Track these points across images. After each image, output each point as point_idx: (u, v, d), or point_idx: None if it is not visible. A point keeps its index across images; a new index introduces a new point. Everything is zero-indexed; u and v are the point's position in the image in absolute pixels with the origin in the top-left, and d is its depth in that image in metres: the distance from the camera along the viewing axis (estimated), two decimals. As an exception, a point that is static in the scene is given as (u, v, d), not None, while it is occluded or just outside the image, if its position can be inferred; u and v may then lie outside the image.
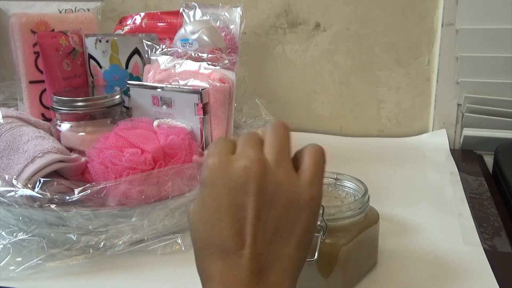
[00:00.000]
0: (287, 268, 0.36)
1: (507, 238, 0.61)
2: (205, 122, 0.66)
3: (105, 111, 0.69)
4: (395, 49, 0.93)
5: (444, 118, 0.93)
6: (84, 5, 0.84)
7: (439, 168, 0.83)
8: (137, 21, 0.86)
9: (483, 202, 0.70)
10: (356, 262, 0.51)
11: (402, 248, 0.59)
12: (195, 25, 0.75)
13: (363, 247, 0.52)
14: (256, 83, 1.01)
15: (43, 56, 0.73)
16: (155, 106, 0.68)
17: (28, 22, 0.76)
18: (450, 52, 0.88)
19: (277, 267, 0.35)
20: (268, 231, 0.35)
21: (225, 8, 0.80)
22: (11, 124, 0.66)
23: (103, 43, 0.73)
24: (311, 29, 0.96)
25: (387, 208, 0.56)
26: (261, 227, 0.35)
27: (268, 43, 0.98)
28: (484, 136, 0.89)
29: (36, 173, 0.58)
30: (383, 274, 0.54)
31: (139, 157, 0.59)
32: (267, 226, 0.35)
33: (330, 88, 0.98)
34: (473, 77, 0.88)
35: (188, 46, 0.73)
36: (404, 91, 0.95)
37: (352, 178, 0.55)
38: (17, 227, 0.58)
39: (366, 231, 0.52)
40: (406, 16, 0.91)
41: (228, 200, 0.35)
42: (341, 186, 0.55)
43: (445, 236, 0.62)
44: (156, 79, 0.70)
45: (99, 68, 0.75)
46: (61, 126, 0.68)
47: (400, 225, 0.64)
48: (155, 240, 0.59)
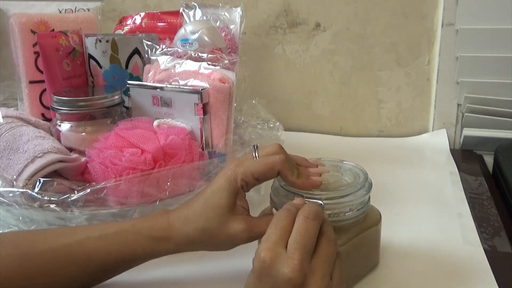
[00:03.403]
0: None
1: (507, 238, 0.61)
2: (205, 122, 0.66)
3: (105, 111, 0.69)
4: (395, 49, 0.93)
5: (444, 118, 0.93)
6: (84, 5, 0.84)
7: (439, 168, 0.83)
8: (137, 21, 0.86)
9: (483, 202, 0.70)
10: (355, 263, 0.51)
11: (402, 248, 0.59)
12: (195, 25, 0.75)
13: (362, 248, 0.52)
14: (256, 83, 1.01)
15: (43, 56, 0.72)
16: (155, 106, 0.68)
17: (28, 22, 0.76)
18: (450, 52, 0.88)
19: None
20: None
21: (225, 8, 0.80)
22: (11, 124, 0.66)
23: (103, 43, 0.73)
24: (311, 29, 0.96)
25: (387, 208, 0.56)
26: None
27: (268, 43, 0.98)
28: (484, 136, 0.89)
29: (36, 173, 0.58)
30: (384, 274, 0.54)
31: (139, 157, 0.59)
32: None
33: (330, 88, 0.99)
34: (473, 77, 0.88)
35: (188, 46, 0.73)
36: (404, 91, 0.95)
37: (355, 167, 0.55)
38: (17, 227, 0.58)
39: (366, 232, 0.52)
40: (406, 16, 0.91)
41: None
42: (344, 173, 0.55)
43: (445, 236, 0.62)
44: (156, 79, 0.70)
45: (99, 68, 0.75)
46: (61, 126, 0.68)
47: (400, 225, 0.64)
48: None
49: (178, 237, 0.48)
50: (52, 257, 0.47)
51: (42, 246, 0.47)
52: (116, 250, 0.48)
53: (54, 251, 0.47)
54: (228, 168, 0.48)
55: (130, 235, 0.48)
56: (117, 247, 0.48)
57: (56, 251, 0.47)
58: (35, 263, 0.46)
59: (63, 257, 0.47)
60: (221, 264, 0.57)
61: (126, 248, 0.48)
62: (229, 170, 0.48)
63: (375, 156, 0.90)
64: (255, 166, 0.47)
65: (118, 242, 0.48)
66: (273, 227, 0.42)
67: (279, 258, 0.40)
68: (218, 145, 0.66)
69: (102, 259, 0.48)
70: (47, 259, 0.47)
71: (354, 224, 0.51)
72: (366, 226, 0.52)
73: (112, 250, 0.48)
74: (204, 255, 0.59)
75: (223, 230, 0.47)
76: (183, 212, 0.49)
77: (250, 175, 0.47)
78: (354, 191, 0.50)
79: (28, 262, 0.46)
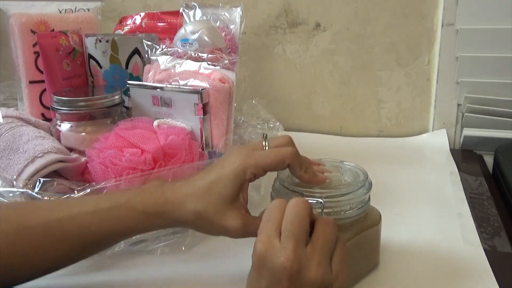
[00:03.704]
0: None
1: (507, 238, 0.61)
2: (205, 122, 0.66)
3: (105, 111, 0.69)
4: (395, 49, 0.93)
5: (444, 118, 0.93)
6: (84, 5, 0.84)
7: (439, 168, 0.83)
8: (137, 21, 0.86)
9: (483, 202, 0.70)
10: (355, 263, 0.51)
11: (402, 248, 0.59)
12: (195, 25, 0.75)
13: (362, 248, 0.52)
14: (256, 83, 1.01)
15: (43, 56, 0.73)
16: (155, 106, 0.68)
17: (28, 22, 0.76)
18: (450, 52, 0.88)
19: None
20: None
21: (225, 8, 0.80)
22: (11, 124, 0.66)
23: (103, 43, 0.73)
24: (311, 29, 0.96)
25: (387, 208, 0.56)
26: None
27: (268, 43, 0.98)
28: (484, 136, 0.89)
29: (36, 173, 0.58)
30: (384, 274, 0.54)
31: (139, 157, 0.59)
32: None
33: (330, 88, 0.99)
34: (473, 77, 0.88)
35: (188, 46, 0.73)
36: (404, 91, 0.95)
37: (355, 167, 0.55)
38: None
39: (366, 232, 0.52)
40: (406, 16, 0.91)
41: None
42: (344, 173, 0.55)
43: (445, 236, 0.62)
44: (156, 79, 0.70)
45: (99, 68, 0.75)
46: (61, 126, 0.68)
47: (400, 225, 0.64)
48: (155, 240, 0.59)
49: (173, 215, 0.48)
50: (44, 232, 0.46)
51: (35, 221, 0.47)
52: (109, 225, 0.48)
53: (46, 226, 0.47)
54: (237, 158, 0.48)
55: (124, 211, 0.48)
56: (111, 222, 0.48)
57: (49, 226, 0.47)
58: (27, 238, 0.46)
59: (56, 232, 0.47)
60: (221, 264, 0.57)
61: (120, 223, 0.48)
62: (238, 161, 0.47)
63: (375, 156, 0.90)
64: (266, 158, 0.47)
65: (112, 218, 0.48)
66: (266, 219, 0.42)
67: (273, 249, 0.40)
68: (218, 145, 0.66)
69: (95, 233, 0.48)
70: (39, 234, 0.46)
71: (354, 223, 0.51)
72: (366, 225, 0.52)
73: (105, 225, 0.48)
74: (204, 255, 0.59)
75: (220, 220, 0.47)
76: (182, 190, 0.48)
77: (260, 168, 0.47)
78: (354, 190, 0.50)
79: (21, 238, 0.46)
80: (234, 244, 0.53)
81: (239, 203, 0.48)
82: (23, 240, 0.46)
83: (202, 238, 0.61)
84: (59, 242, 0.47)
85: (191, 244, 0.60)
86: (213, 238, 0.61)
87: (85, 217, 0.47)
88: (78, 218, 0.47)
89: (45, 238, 0.46)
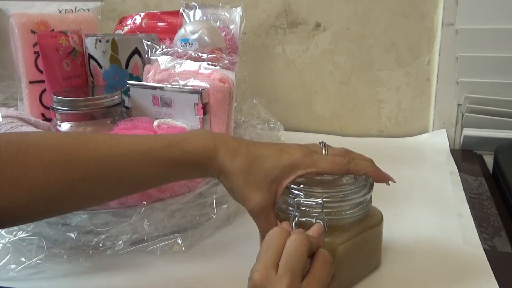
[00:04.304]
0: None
1: (507, 238, 0.61)
2: (205, 122, 0.66)
3: (105, 111, 0.69)
4: (395, 49, 0.93)
5: (444, 118, 0.93)
6: (84, 5, 0.84)
7: (439, 168, 0.83)
8: (137, 21, 0.86)
9: (483, 202, 0.70)
10: (354, 263, 0.51)
11: (402, 248, 0.59)
12: (195, 25, 0.75)
13: (363, 248, 0.52)
14: (256, 83, 1.01)
15: (43, 56, 0.73)
16: (155, 106, 0.68)
17: (28, 22, 0.76)
18: (450, 52, 0.88)
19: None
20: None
21: (225, 8, 0.80)
22: (11, 124, 0.66)
23: (103, 43, 0.73)
24: (311, 29, 0.96)
25: (387, 208, 0.56)
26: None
27: (268, 43, 0.98)
28: (484, 136, 0.89)
29: (36, 173, 0.58)
30: (384, 274, 0.54)
31: (139, 157, 0.59)
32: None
33: (330, 88, 0.99)
34: (473, 77, 0.88)
35: (188, 46, 0.73)
36: (404, 91, 0.95)
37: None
38: (16, 226, 0.58)
39: (367, 232, 0.52)
40: (406, 16, 0.91)
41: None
42: None
43: (445, 236, 0.62)
44: (156, 79, 0.70)
45: (99, 68, 0.75)
46: (61, 126, 0.68)
47: (400, 225, 0.64)
48: (155, 240, 0.59)
49: (219, 163, 0.49)
50: (95, 166, 0.47)
51: (85, 154, 0.47)
52: (158, 165, 0.48)
53: (97, 160, 0.47)
54: (297, 152, 0.50)
55: (175, 151, 0.49)
56: (160, 162, 0.48)
57: (99, 161, 0.47)
58: (77, 170, 0.46)
59: (106, 168, 0.47)
60: (221, 264, 0.57)
61: (167, 165, 0.49)
62: (298, 155, 0.49)
63: (375, 156, 0.88)
64: (324, 163, 0.50)
65: (161, 158, 0.48)
66: (265, 246, 0.43)
67: (269, 281, 0.40)
68: (218, 145, 0.66)
69: (142, 172, 0.48)
70: (89, 167, 0.46)
71: (355, 223, 0.51)
72: (367, 226, 0.52)
73: (154, 164, 0.48)
74: (204, 255, 0.59)
75: (248, 190, 0.49)
76: (236, 145, 0.50)
77: (315, 170, 0.49)
78: (355, 190, 0.50)
79: (71, 169, 0.46)
80: (234, 244, 0.53)
81: (272, 190, 0.49)
82: (74, 172, 0.46)
83: (202, 238, 0.61)
84: (107, 177, 0.47)
85: (191, 244, 0.60)
86: (212, 237, 0.62)
87: (136, 156, 0.48)
88: (130, 156, 0.48)
89: (95, 171, 0.47)
